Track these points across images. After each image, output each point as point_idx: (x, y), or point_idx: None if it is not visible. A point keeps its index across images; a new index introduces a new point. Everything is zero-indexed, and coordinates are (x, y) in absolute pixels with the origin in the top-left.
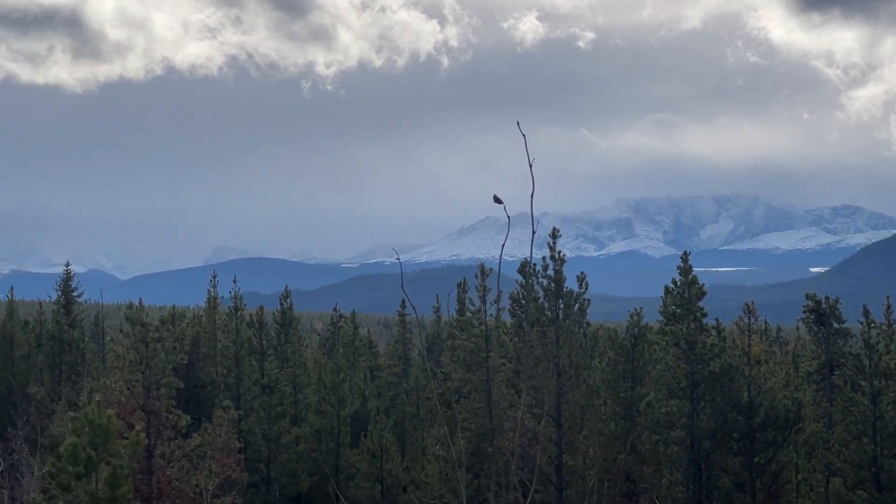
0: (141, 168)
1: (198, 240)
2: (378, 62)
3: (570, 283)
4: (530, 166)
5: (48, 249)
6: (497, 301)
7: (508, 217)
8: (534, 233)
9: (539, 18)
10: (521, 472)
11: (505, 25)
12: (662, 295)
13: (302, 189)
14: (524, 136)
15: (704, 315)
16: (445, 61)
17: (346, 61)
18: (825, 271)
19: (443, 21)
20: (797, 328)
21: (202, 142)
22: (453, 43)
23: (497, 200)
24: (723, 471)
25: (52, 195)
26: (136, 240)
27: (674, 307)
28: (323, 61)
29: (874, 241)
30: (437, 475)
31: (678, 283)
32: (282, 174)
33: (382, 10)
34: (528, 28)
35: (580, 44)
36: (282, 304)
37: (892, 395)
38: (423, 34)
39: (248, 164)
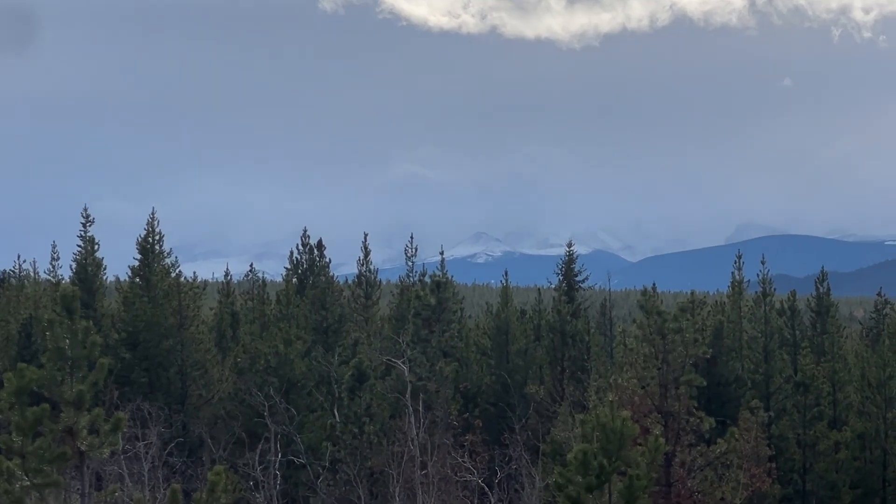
0: (651, 134)
1: (718, 215)
2: None
3: None
4: None
5: (546, 228)
6: None
7: None
8: None
9: None
10: None
11: None
12: None
13: (836, 154)
14: None
15: None
16: None
17: (888, 4)
18: None
19: None
20: None
21: (717, 102)
22: None
23: None
24: None
25: (546, 166)
26: (648, 216)
27: None
28: (860, 5)
29: None
30: None
31: None
32: (811, 137)
33: None
34: None
35: None
36: (817, 289)
37: None
38: None
39: (772, 127)
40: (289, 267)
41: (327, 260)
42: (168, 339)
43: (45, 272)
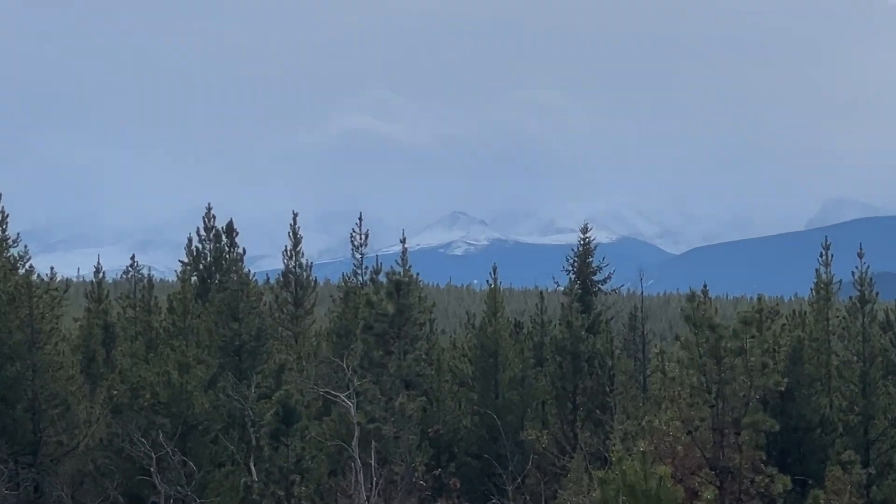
0: (701, 76)
1: (797, 189)
2: None
3: None
4: None
5: (550, 207)
6: None
7: None
8: None
9: None
10: None
11: None
12: None
13: None
14: None
15: None
16: None
17: None
18: None
19: None
20: None
21: (795, 29)
22: None
23: None
24: None
25: (551, 120)
26: (697, 190)
27: None
28: None
29: None
30: None
31: None
32: None
33: None
34: None
35: None
36: None
37: None
38: None
39: (872, 63)
40: (186, 261)
41: (240, 251)
42: (14, 362)
43: None
